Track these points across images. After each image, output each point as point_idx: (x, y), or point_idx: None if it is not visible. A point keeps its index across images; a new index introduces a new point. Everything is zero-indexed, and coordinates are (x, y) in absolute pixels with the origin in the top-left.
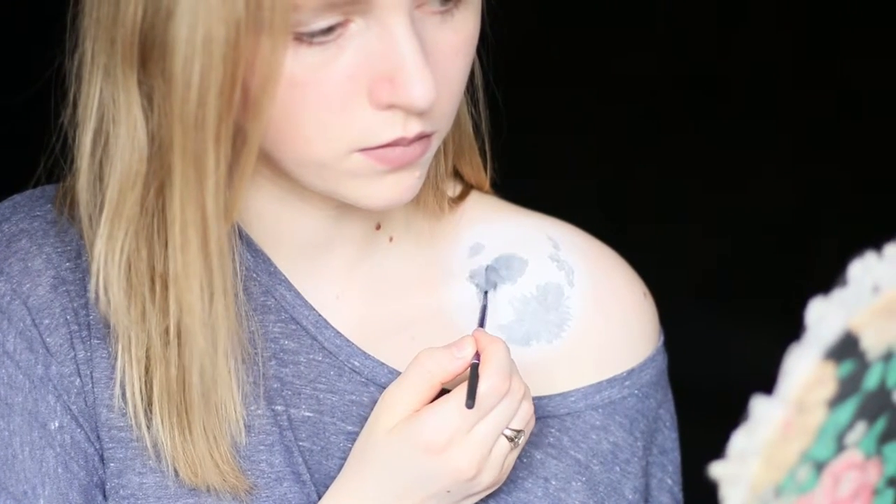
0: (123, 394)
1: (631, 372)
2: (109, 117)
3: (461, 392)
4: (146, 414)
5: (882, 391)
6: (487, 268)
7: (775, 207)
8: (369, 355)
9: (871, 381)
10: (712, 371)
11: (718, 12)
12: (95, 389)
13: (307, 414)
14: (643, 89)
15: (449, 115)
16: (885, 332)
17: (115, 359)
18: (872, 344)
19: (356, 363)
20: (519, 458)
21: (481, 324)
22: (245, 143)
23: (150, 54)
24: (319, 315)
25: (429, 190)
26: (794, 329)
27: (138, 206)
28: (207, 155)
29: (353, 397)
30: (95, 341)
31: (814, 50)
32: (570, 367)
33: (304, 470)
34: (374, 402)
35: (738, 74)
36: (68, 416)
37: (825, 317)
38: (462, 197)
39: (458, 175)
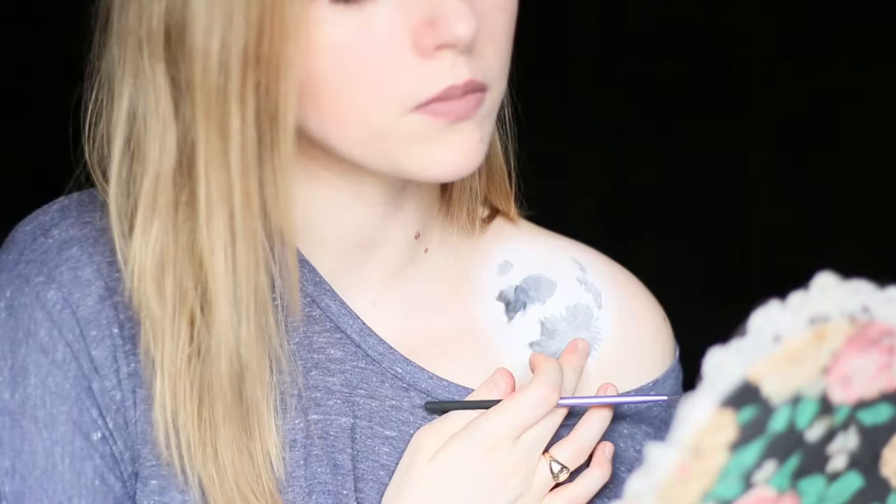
0: (161, 400)
1: (656, 382)
2: (140, 120)
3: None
4: (189, 418)
5: (792, 432)
6: (517, 288)
7: (775, 208)
8: (411, 361)
9: (777, 423)
10: None
11: (717, 12)
12: (139, 406)
13: (344, 420)
14: (641, 89)
15: (497, 68)
16: (789, 379)
17: (149, 364)
18: (775, 391)
19: (398, 369)
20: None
21: None
22: (281, 107)
23: (173, 40)
24: (363, 323)
25: (463, 205)
26: None
27: (172, 200)
28: (231, 118)
29: (394, 402)
30: (141, 356)
31: (814, 50)
32: (597, 385)
33: (331, 479)
34: (414, 406)
35: (737, 74)
36: (108, 430)
37: (722, 366)
38: (490, 219)
39: (485, 200)
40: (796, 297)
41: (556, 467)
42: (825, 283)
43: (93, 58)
